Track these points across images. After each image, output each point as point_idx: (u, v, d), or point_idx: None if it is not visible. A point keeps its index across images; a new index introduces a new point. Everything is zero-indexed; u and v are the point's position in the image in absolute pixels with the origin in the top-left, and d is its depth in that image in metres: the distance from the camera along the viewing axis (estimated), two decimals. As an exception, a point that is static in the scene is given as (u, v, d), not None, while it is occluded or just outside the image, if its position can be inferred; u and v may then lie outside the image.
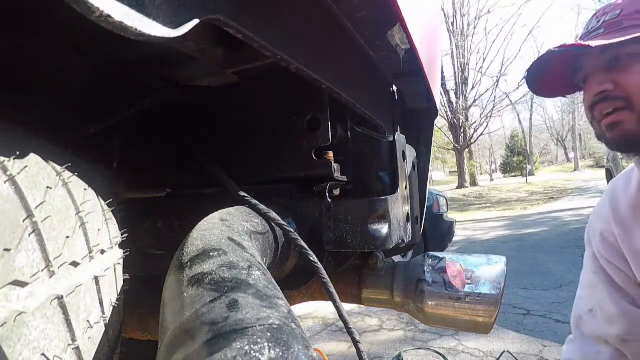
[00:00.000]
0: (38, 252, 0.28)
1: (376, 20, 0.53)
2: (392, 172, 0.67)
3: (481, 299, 0.61)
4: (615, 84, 0.78)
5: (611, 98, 0.78)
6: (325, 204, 0.60)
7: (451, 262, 0.65)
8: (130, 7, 0.23)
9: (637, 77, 0.75)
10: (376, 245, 0.60)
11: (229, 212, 0.47)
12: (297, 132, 0.61)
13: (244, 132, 0.66)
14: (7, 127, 0.32)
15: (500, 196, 16.22)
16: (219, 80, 0.62)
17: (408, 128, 0.91)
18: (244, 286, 0.30)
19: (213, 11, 0.30)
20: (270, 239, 0.49)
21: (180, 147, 0.69)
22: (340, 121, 0.66)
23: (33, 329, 0.27)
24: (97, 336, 0.34)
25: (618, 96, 0.78)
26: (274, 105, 0.64)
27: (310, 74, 0.45)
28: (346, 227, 0.61)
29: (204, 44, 0.50)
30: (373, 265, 0.71)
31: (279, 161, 0.63)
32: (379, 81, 0.76)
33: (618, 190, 1.03)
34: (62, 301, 0.29)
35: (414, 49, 0.61)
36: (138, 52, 0.51)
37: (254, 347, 0.23)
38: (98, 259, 0.36)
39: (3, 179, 0.27)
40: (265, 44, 0.37)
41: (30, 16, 0.41)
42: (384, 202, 0.60)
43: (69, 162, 0.35)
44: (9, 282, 0.25)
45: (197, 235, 0.38)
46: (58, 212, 0.31)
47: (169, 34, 0.26)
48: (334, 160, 0.60)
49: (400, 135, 0.72)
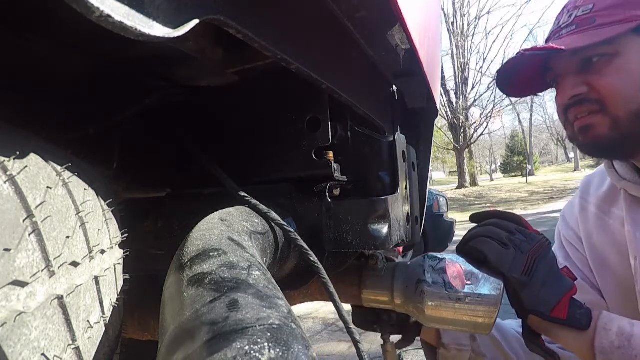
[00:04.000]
0: (38, 252, 0.28)
1: (376, 21, 0.53)
2: (392, 172, 0.67)
3: (481, 299, 0.61)
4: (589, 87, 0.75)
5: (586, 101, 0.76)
6: (325, 204, 0.60)
7: (451, 263, 0.65)
8: (130, 7, 0.23)
9: (610, 80, 0.72)
10: (376, 245, 0.60)
11: (229, 212, 0.47)
12: (297, 132, 0.61)
13: (243, 132, 0.66)
14: (7, 127, 0.32)
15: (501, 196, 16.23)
16: (219, 80, 0.62)
17: (408, 128, 0.91)
18: (244, 286, 0.30)
19: (213, 11, 0.30)
20: (270, 239, 0.49)
21: (180, 147, 0.69)
22: (340, 121, 0.66)
23: (33, 329, 0.27)
24: (97, 336, 0.34)
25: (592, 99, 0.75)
26: (274, 105, 0.64)
27: (310, 74, 0.45)
28: (346, 227, 0.60)
29: (204, 44, 0.50)
30: (373, 266, 0.71)
31: (279, 161, 0.63)
32: (379, 81, 0.76)
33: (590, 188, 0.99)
34: (62, 301, 0.29)
35: (414, 49, 0.61)
36: (138, 52, 0.51)
37: (254, 347, 0.23)
38: (98, 259, 0.36)
39: (3, 179, 0.27)
40: (265, 44, 0.37)
41: (30, 16, 0.41)
42: (384, 202, 0.60)
43: (69, 162, 0.35)
44: (9, 282, 0.25)
45: (197, 235, 0.38)
46: (58, 212, 0.31)
47: (169, 34, 0.26)
48: (334, 160, 0.60)
49: (400, 135, 0.72)
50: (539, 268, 0.63)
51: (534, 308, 0.63)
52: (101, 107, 0.60)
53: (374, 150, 0.67)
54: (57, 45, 0.48)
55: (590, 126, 0.76)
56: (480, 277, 0.63)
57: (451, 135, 21.43)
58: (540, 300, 0.62)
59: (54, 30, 0.44)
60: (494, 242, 0.64)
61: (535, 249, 0.64)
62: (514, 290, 0.63)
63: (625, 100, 0.72)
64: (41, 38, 0.46)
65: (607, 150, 0.80)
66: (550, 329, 0.65)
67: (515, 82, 0.88)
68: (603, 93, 0.73)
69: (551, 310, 0.62)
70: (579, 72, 0.76)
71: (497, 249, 0.63)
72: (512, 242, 0.64)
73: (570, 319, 0.63)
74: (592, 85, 0.74)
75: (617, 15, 0.71)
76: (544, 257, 0.64)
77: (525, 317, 0.66)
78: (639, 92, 0.71)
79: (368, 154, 0.67)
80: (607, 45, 0.71)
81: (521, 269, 0.62)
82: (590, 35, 0.72)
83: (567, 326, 0.64)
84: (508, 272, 0.61)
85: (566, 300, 0.63)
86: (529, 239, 0.65)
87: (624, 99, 0.72)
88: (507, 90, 0.91)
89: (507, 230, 0.66)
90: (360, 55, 0.64)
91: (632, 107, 0.72)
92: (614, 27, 0.70)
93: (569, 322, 0.63)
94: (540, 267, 0.63)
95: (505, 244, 0.63)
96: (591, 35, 0.71)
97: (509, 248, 0.63)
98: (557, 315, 0.62)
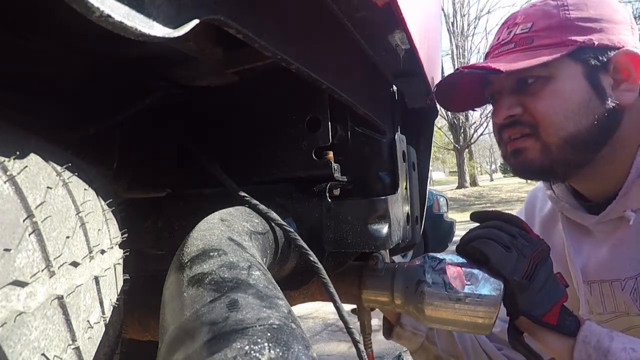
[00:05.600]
0: (38, 252, 0.28)
1: (376, 21, 0.53)
2: (392, 172, 0.67)
3: (481, 300, 0.61)
4: (523, 108, 0.75)
5: (519, 123, 0.76)
6: (325, 204, 0.60)
7: (451, 263, 0.65)
8: (130, 7, 0.23)
9: (544, 103, 0.72)
10: (376, 245, 0.60)
11: (229, 212, 0.47)
12: (297, 132, 0.61)
13: (243, 132, 0.66)
14: (7, 127, 0.32)
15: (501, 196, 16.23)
16: (219, 80, 0.62)
17: (408, 128, 0.91)
18: (244, 286, 0.30)
19: (213, 11, 0.30)
20: (270, 239, 0.49)
21: (180, 147, 0.69)
22: (340, 121, 0.66)
23: (33, 329, 0.27)
24: (97, 336, 0.34)
25: (525, 122, 0.75)
26: (274, 105, 0.64)
27: (310, 74, 0.45)
28: (346, 227, 0.61)
29: (204, 44, 0.50)
30: (373, 266, 0.71)
31: (279, 161, 0.63)
32: (379, 81, 0.76)
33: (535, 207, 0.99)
34: (62, 301, 0.29)
35: (414, 49, 0.61)
36: (138, 52, 0.51)
37: (254, 347, 0.23)
38: (98, 259, 0.36)
39: (3, 179, 0.27)
40: (265, 44, 0.37)
41: (30, 16, 0.41)
42: (384, 202, 0.60)
43: (69, 162, 0.35)
44: (9, 282, 0.25)
45: (197, 235, 0.38)
46: (58, 212, 0.31)
47: (169, 34, 0.26)
48: (334, 160, 0.60)
49: (400, 135, 0.72)
50: (539, 273, 0.63)
51: (528, 311, 0.63)
52: (101, 107, 0.60)
53: (374, 150, 0.67)
54: (57, 45, 0.48)
55: (522, 150, 0.77)
56: (480, 277, 0.63)
57: (451, 135, 21.43)
58: (535, 304, 0.63)
59: (54, 30, 0.44)
60: (496, 245, 0.64)
61: (537, 254, 0.64)
62: (512, 292, 0.63)
63: (557, 126, 0.72)
64: (41, 38, 0.46)
65: (538, 174, 0.80)
66: (537, 332, 0.66)
67: (455, 97, 0.87)
68: (536, 117, 0.73)
69: (543, 315, 0.63)
70: (514, 92, 0.76)
71: (499, 252, 0.63)
72: (515, 246, 0.64)
73: (559, 325, 0.64)
74: (526, 107, 0.74)
75: (554, 37, 0.71)
76: (544, 263, 0.65)
77: (516, 317, 0.67)
78: (569, 118, 0.71)
79: (368, 154, 0.67)
80: (542, 68, 0.70)
81: (522, 273, 0.62)
82: (527, 56, 0.71)
83: (554, 331, 0.65)
84: (509, 275, 0.62)
85: (558, 307, 0.64)
86: (531, 244, 0.65)
87: (555, 124, 0.72)
88: (447, 105, 0.89)
89: (509, 233, 0.66)
90: (360, 55, 0.64)
91: (562, 133, 0.72)
92: (551, 49, 0.70)
93: (558, 328, 0.64)
94: (540, 272, 0.63)
95: (508, 247, 0.63)
96: (527, 57, 0.71)
97: (511, 251, 0.63)
98: (548, 321, 0.63)
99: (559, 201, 0.87)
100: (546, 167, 0.75)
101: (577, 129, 0.71)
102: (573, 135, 0.72)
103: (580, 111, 0.71)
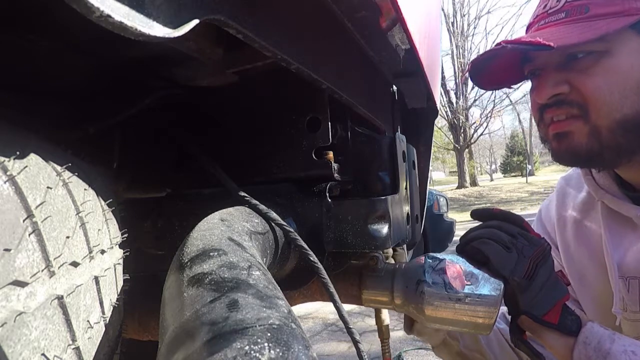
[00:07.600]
0: (38, 252, 0.28)
1: (376, 21, 0.53)
2: (392, 172, 0.67)
3: (481, 300, 0.61)
4: (571, 86, 0.66)
5: (566, 103, 0.67)
6: (325, 204, 0.60)
7: (451, 263, 0.65)
8: (130, 7, 0.23)
9: (596, 81, 0.63)
10: (376, 245, 0.60)
11: (229, 212, 0.47)
12: (297, 132, 0.61)
13: (243, 132, 0.66)
14: (7, 127, 0.32)
15: (501, 196, 16.22)
16: (219, 80, 0.62)
17: (408, 128, 0.91)
18: (244, 286, 0.30)
19: (213, 11, 0.30)
20: (270, 239, 0.49)
21: (180, 147, 0.69)
22: (340, 121, 0.66)
23: (33, 329, 0.27)
24: (97, 336, 0.34)
25: (573, 101, 0.67)
26: (273, 105, 0.64)
27: (310, 74, 0.45)
28: (346, 227, 0.61)
29: (204, 44, 0.50)
30: (373, 266, 0.71)
31: (279, 161, 0.63)
32: (379, 81, 0.76)
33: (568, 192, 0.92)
34: (62, 301, 0.29)
35: (414, 49, 0.61)
36: (138, 52, 0.51)
37: (254, 347, 0.23)
38: (98, 259, 0.36)
39: (3, 179, 0.27)
40: (265, 44, 0.37)
41: (30, 16, 0.41)
42: (384, 202, 0.60)
43: (69, 162, 0.35)
44: (9, 282, 0.25)
45: (197, 235, 0.38)
46: (58, 212, 0.31)
47: (169, 34, 0.26)
48: (334, 160, 0.60)
49: (400, 135, 0.72)
50: (539, 273, 0.63)
51: (529, 310, 0.63)
52: (101, 107, 0.60)
53: (374, 150, 0.67)
54: (57, 45, 0.48)
55: (567, 133, 0.69)
56: (480, 277, 0.63)
57: (451, 135, 21.44)
58: (536, 304, 0.63)
59: (54, 30, 0.44)
60: (497, 245, 0.63)
61: (537, 254, 0.64)
62: (513, 292, 0.63)
63: (610, 108, 0.64)
64: (41, 38, 0.46)
65: (583, 161, 0.72)
66: (538, 330, 0.66)
67: (492, 73, 0.79)
68: (586, 96, 0.65)
69: (545, 314, 0.63)
70: (561, 68, 0.68)
71: (500, 252, 0.63)
72: (515, 246, 0.63)
73: (561, 324, 0.64)
74: (574, 86, 0.66)
75: (615, 4, 0.62)
76: (545, 263, 0.64)
77: (517, 316, 0.66)
78: (625, 98, 0.63)
79: (368, 154, 0.67)
80: (598, 42, 0.62)
81: (523, 273, 0.62)
82: (581, 29, 0.62)
83: (555, 330, 0.64)
84: (510, 275, 0.61)
85: (559, 306, 0.64)
86: (531, 243, 0.64)
87: (608, 105, 0.64)
88: (478, 81, 0.81)
89: (509, 233, 0.65)
90: (360, 55, 0.64)
91: (616, 115, 0.64)
92: (609, 19, 0.61)
93: (559, 327, 0.64)
94: (540, 272, 0.63)
95: (508, 247, 0.63)
96: (582, 29, 0.62)
97: (511, 251, 0.62)
98: (550, 320, 0.63)
99: (599, 189, 0.78)
100: (594, 153, 0.67)
101: (633, 111, 0.63)
102: (628, 118, 0.64)
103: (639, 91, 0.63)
